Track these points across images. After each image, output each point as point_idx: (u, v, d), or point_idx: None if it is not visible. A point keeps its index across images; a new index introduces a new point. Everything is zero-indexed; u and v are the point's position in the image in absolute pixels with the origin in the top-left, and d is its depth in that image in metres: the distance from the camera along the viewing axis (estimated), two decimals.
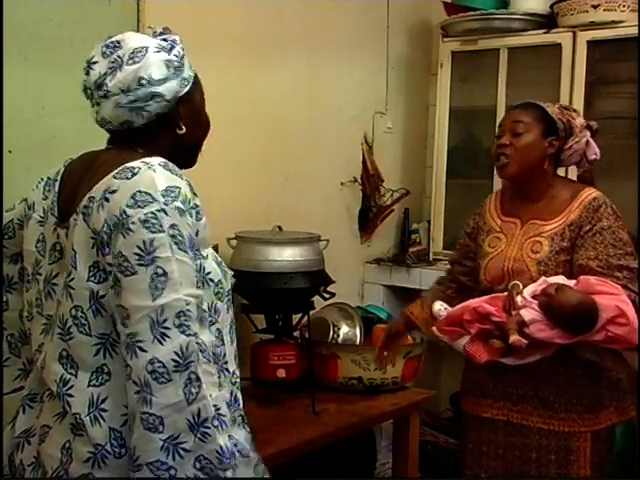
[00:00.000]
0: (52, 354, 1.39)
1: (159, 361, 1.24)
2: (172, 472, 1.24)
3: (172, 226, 1.31)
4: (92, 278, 1.34)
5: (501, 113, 3.15)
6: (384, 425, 3.02)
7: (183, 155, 1.52)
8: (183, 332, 1.27)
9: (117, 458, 1.33)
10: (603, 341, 1.82)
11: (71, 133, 2.18)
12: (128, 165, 1.36)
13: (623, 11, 2.86)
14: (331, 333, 2.73)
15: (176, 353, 1.25)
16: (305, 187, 3.03)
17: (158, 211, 1.30)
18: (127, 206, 1.30)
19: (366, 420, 2.51)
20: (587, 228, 1.97)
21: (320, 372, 2.58)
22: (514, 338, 1.77)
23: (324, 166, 3.12)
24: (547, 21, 3.08)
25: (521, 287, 1.89)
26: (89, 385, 1.35)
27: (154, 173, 1.34)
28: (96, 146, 2.27)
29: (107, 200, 1.33)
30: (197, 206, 1.38)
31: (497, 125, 2.11)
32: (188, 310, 1.28)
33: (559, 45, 2.98)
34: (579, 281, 1.89)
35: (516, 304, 1.85)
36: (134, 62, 1.41)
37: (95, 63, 1.44)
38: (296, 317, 2.58)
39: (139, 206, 1.30)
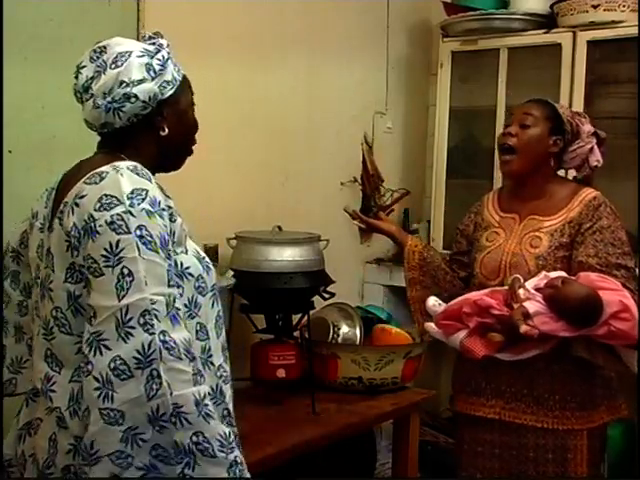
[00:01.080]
0: (38, 353, 1.45)
1: (121, 359, 1.27)
2: (129, 460, 1.27)
3: (139, 227, 1.33)
4: (69, 279, 1.39)
5: (501, 113, 3.15)
6: (384, 425, 3.02)
7: (169, 158, 1.56)
8: (147, 331, 1.29)
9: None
10: (605, 336, 1.83)
11: (71, 133, 2.17)
12: (97, 170, 1.41)
13: (623, 11, 2.86)
14: (331, 333, 2.73)
15: (138, 351, 1.28)
16: (305, 187, 3.03)
17: (124, 212, 1.34)
18: (94, 210, 1.35)
19: (366, 420, 2.51)
20: (587, 226, 1.98)
21: (320, 372, 2.58)
22: (526, 328, 1.78)
23: (324, 166, 3.12)
24: (547, 21, 3.08)
25: (522, 280, 1.90)
26: (70, 381, 1.40)
27: (121, 177, 1.38)
28: (96, 146, 2.27)
29: (77, 205, 1.38)
30: (170, 207, 1.43)
31: (509, 114, 2.16)
32: (154, 309, 1.30)
33: (559, 45, 2.99)
34: (579, 277, 1.89)
35: (518, 297, 1.85)
36: (116, 66, 1.45)
37: (83, 67, 1.49)
38: (296, 317, 2.58)
39: (105, 209, 1.34)
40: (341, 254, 3.03)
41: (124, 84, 1.44)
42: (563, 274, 1.91)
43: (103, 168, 1.41)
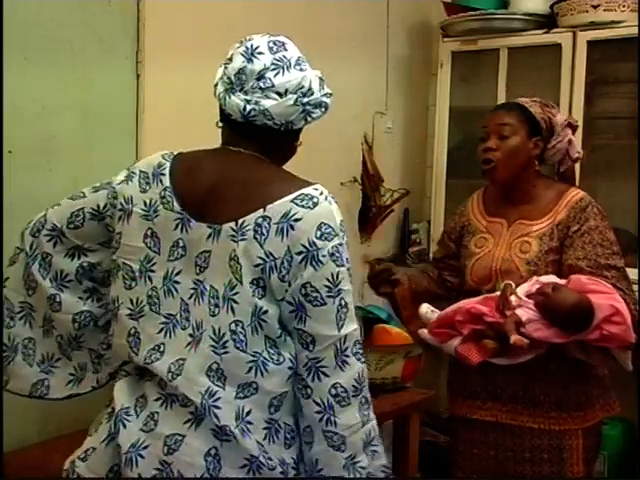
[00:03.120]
0: (198, 365, 1.38)
1: (342, 386, 1.37)
2: None
3: (347, 259, 1.41)
4: (255, 293, 1.37)
5: None
6: (384, 425, 3.02)
7: (284, 162, 1.58)
8: (359, 360, 1.40)
9: (271, 470, 1.38)
10: (598, 340, 1.83)
11: (71, 133, 2.18)
12: (305, 192, 1.40)
13: (623, 11, 2.86)
14: None
15: (355, 380, 1.39)
16: None
17: (340, 245, 1.39)
18: (316, 238, 1.36)
19: None
20: (575, 228, 1.97)
21: None
22: (515, 338, 1.77)
23: (324, 166, 3.11)
24: (547, 21, 3.08)
25: (514, 287, 1.89)
26: (236, 398, 1.38)
27: (330, 205, 1.42)
28: (96, 146, 2.28)
29: (292, 228, 1.36)
30: None
31: (481, 126, 2.10)
32: (360, 338, 1.42)
33: (559, 45, 2.99)
34: (570, 280, 1.89)
35: (510, 304, 1.85)
36: (301, 69, 1.47)
37: (262, 54, 1.45)
38: None
39: (327, 239, 1.37)
40: None
41: (313, 90, 1.46)
42: (555, 278, 1.91)
43: (310, 191, 1.41)
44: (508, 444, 2.05)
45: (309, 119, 1.48)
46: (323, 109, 1.48)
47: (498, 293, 1.92)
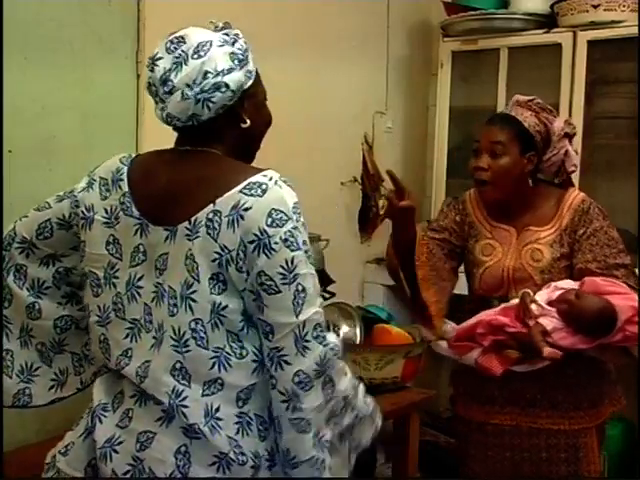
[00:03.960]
0: (162, 366, 1.39)
1: (304, 373, 1.35)
2: (324, 463, 1.41)
3: (304, 242, 1.38)
4: (213, 290, 1.36)
5: None
6: (384, 425, 3.02)
7: (247, 151, 1.54)
8: (321, 343, 1.37)
9: (241, 465, 1.37)
10: (621, 341, 1.82)
11: (71, 133, 2.18)
12: (253, 180, 1.38)
13: (623, 11, 2.86)
14: None
15: (317, 364, 1.36)
16: (305, 187, 2.99)
17: (294, 229, 1.36)
18: (267, 225, 1.34)
19: None
20: (581, 232, 1.96)
21: None
22: (549, 350, 1.76)
23: (324, 166, 3.12)
24: (547, 21, 3.08)
25: (532, 295, 1.87)
26: (203, 395, 1.38)
27: (280, 189, 1.39)
28: (96, 146, 2.28)
29: (242, 217, 1.34)
30: None
31: (474, 140, 2.03)
32: (321, 320, 1.38)
33: (559, 45, 2.99)
34: (584, 283, 1.88)
35: (531, 313, 1.83)
36: (199, 56, 1.41)
37: (159, 59, 1.43)
38: None
39: (278, 225, 1.35)
40: (341, 254, 3.03)
41: (210, 74, 1.39)
42: (571, 283, 1.89)
43: (258, 178, 1.38)
44: (525, 445, 2.03)
45: (212, 105, 1.40)
46: (224, 89, 1.40)
47: (515, 301, 1.90)
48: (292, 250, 1.35)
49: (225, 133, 1.47)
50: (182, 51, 1.41)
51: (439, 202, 3.35)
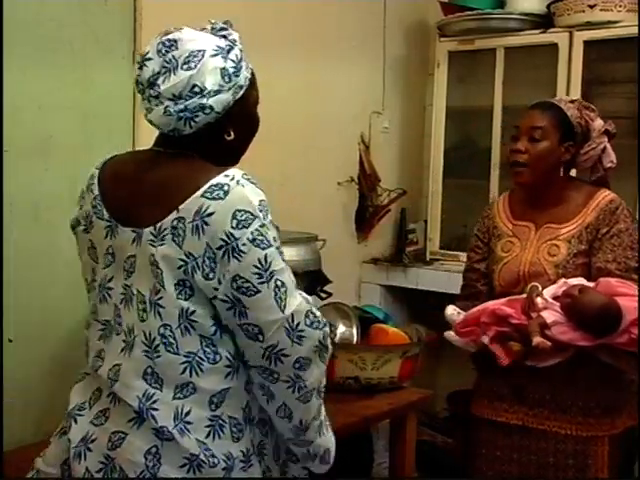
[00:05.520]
0: (134, 370, 1.39)
1: (304, 358, 1.38)
2: (321, 407, 1.49)
3: (274, 238, 1.37)
4: (180, 296, 1.36)
5: (498, 113, 3.16)
6: (381, 425, 3.02)
7: (229, 158, 1.51)
8: (316, 328, 1.39)
9: (212, 467, 1.37)
10: (626, 344, 1.80)
11: (68, 133, 2.17)
12: (214, 182, 1.34)
13: (620, 11, 2.86)
14: None
15: (315, 346, 1.39)
16: (302, 187, 3.03)
17: (262, 226, 1.34)
18: (232, 228, 1.32)
19: (363, 420, 2.50)
20: (604, 231, 1.94)
21: None
22: (538, 340, 1.75)
23: (321, 166, 3.12)
24: (544, 21, 3.08)
25: (540, 289, 1.87)
26: (174, 398, 1.38)
27: (243, 188, 1.35)
28: (94, 146, 2.28)
29: (206, 224, 1.32)
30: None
31: (514, 125, 2.05)
32: (311, 307, 1.40)
33: (556, 45, 2.99)
34: (599, 283, 1.86)
35: (536, 306, 1.83)
36: (189, 67, 1.37)
37: (149, 60, 1.40)
38: None
39: (244, 226, 1.32)
40: (338, 254, 3.03)
41: (198, 92, 1.37)
42: (583, 281, 1.88)
43: (218, 179, 1.34)
44: (532, 448, 2.02)
45: (194, 125, 1.39)
46: (208, 111, 1.38)
47: (525, 295, 1.90)
48: (263, 248, 1.33)
49: (207, 144, 1.45)
50: (173, 57, 1.38)
51: (436, 202, 3.37)
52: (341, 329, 2.75)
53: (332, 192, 3.20)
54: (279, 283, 1.34)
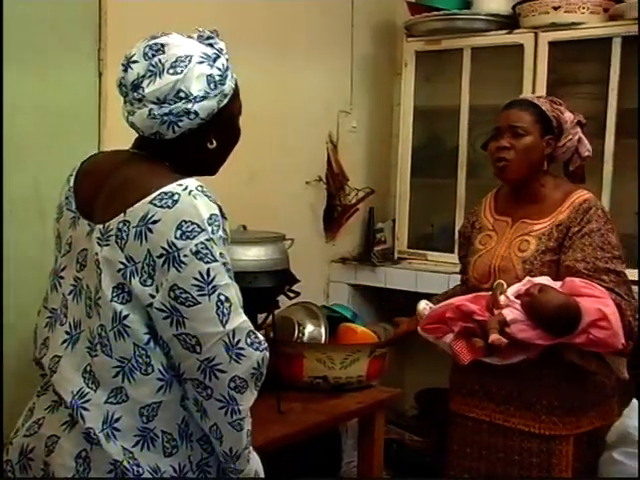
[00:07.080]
0: (74, 364, 1.39)
1: (239, 377, 1.36)
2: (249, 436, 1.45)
3: (221, 254, 1.35)
4: (115, 299, 1.35)
5: (465, 112, 3.18)
6: (349, 424, 3.03)
7: (209, 167, 1.52)
8: (257, 349, 1.38)
9: (136, 476, 1.35)
10: (584, 344, 1.81)
11: (31, 133, 2.14)
12: (165, 190, 1.33)
13: (583, 13, 2.90)
14: (296, 332, 2.73)
15: (254, 368, 1.38)
16: (270, 186, 3.02)
17: (208, 240, 1.33)
18: (175, 238, 1.31)
19: (332, 419, 2.51)
20: (576, 229, 1.95)
21: (285, 371, 2.57)
22: (494, 337, 1.76)
23: (289, 165, 3.11)
24: (509, 22, 3.11)
25: (505, 286, 1.88)
26: (106, 402, 1.37)
27: (194, 200, 1.34)
28: (57, 146, 2.25)
29: (150, 231, 1.31)
30: (225, 230, 1.40)
31: (494, 127, 2.07)
32: (253, 328, 1.39)
33: (521, 45, 3.02)
34: (564, 282, 1.88)
35: (499, 303, 1.84)
36: (175, 72, 1.37)
37: (135, 62, 1.40)
38: (261, 316, 2.57)
39: (188, 237, 1.31)
40: (306, 253, 3.03)
41: (183, 97, 1.37)
42: (548, 280, 1.89)
43: (170, 188, 1.34)
44: (500, 445, 2.04)
45: (177, 129, 1.39)
46: (193, 116, 1.39)
47: (491, 292, 1.91)
48: (206, 262, 1.32)
49: (188, 152, 1.45)
50: (159, 61, 1.39)
51: (404, 201, 3.38)
52: (309, 328, 2.75)
53: (300, 191, 3.19)
54: (222, 298, 1.34)
